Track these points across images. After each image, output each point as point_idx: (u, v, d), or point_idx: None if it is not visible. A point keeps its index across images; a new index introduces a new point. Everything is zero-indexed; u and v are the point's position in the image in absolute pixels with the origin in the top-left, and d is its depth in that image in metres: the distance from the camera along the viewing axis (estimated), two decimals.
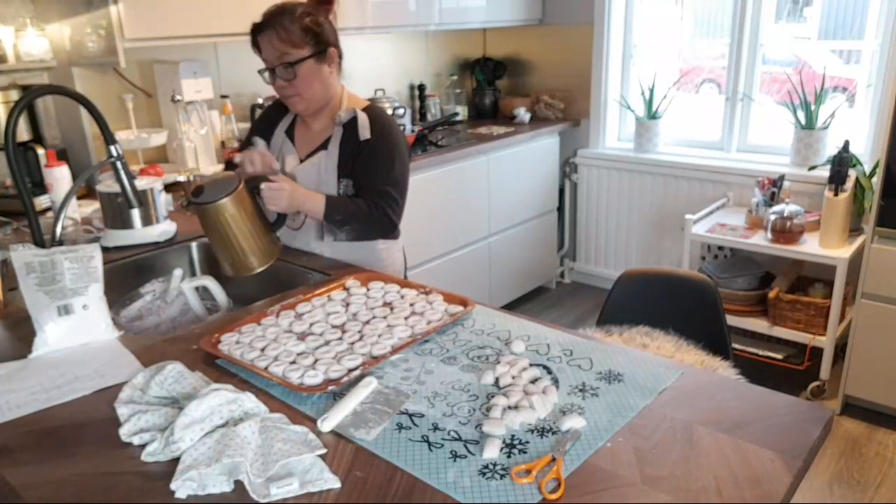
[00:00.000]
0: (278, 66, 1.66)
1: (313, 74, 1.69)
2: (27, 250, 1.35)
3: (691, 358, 1.67)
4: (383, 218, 1.75)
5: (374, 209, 1.73)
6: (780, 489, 0.91)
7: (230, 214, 1.53)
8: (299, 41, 1.64)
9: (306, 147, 1.82)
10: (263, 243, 1.60)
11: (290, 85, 1.68)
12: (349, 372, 1.19)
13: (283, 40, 1.63)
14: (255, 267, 1.60)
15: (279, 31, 1.63)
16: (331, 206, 1.70)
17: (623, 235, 3.85)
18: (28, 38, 2.32)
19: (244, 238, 1.56)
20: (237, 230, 1.55)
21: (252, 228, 1.57)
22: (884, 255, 2.55)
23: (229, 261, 1.60)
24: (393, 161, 1.75)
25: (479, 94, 4.03)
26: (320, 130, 1.80)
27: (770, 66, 3.43)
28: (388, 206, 1.74)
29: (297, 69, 1.66)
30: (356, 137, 1.72)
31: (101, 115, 1.60)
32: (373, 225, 1.76)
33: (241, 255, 1.58)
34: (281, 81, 1.68)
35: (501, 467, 0.96)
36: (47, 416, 1.11)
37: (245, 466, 0.92)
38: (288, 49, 1.64)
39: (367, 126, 1.72)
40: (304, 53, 1.65)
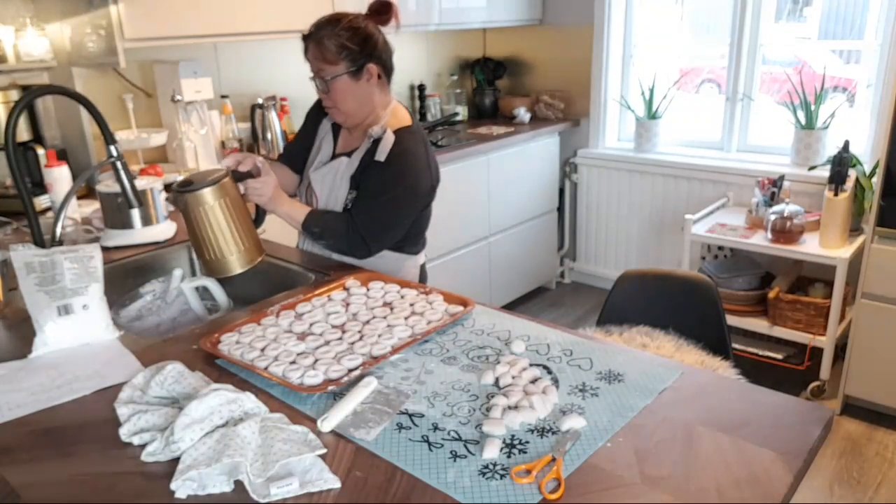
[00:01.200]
0: (317, 78, 1.68)
1: (348, 90, 1.67)
2: (27, 250, 1.35)
3: (691, 358, 1.67)
4: (357, 239, 1.70)
5: (352, 232, 1.69)
6: (780, 489, 0.91)
7: (209, 206, 1.45)
8: (333, 58, 1.63)
9: (342, 147, 1.81)
10: (246, 244, 1.51)
11: (327, 97, 1.70)
12: (349, 372, 1.19)
13: (317, 57, 1.65)
14: (234, 269, 1.51)
15: (318, 45, 1.64)
16: (310, 219, 1.70)
17: (623, 235, 3.85)
18: (28, 38, 2.32)
19: (224, 235, 1.47)
20: (217, 225, 1.46)
21: (234, 225, 1.48)
22: (884, 255, 2.55)
23: (207, 259, 1.50)
24: (394, 192, 1.69)
25: (479, 94, 4.03)
26: (355, 137, 1.79)
27: (770, 66, 3.43)
28: (368, 231, 1.69)
29: (331, 84, 1.66)
30: (373, 156, 1.70)
31: (101, 115, 1.60)
32: (346, 244, 1.72)
33: (219, 254, 1.48)
34: (320, 93, 1.72)
35: (501, 467, 0.96)
36: (47, 416, 1.11)
37: (245, 466, 0.92)
38: (322, 65, 1.65)
39: (387, 150, 1.68)
40: (339, 70, 1.64)
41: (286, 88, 3.05)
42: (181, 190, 1.46)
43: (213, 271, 1.54)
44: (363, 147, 1.74)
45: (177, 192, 1.47)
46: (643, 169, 3.63)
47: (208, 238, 1.49)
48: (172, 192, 1.49)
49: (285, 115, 2.97)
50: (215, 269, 1.53)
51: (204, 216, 1.47)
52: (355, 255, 1.75)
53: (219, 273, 1.54)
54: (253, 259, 1.55)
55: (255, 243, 1.56)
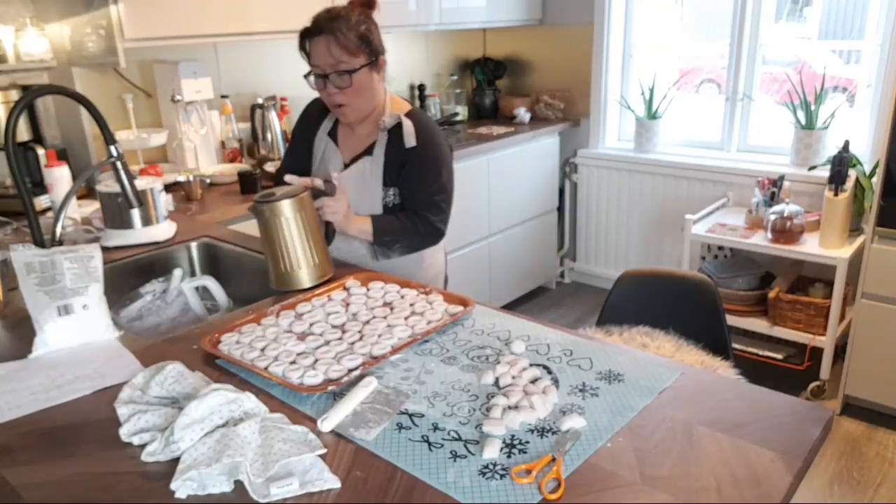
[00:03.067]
0: (332, 73, 1.61)
1: (366, 83, 1.65)
2: (27, 250, 1.35)
3: (691, 358, 1.67)
4: (430, 230, 1.72)
5: (421, 223, 1.70)
6: (780, 489, 0.91)
7: (286, 218, 1.49)
8: (355, 49, 1.60)
9: (350, 151, 1.78)
10: (317, 260, 1.54)
11: (342, 93, 1.64)
12: (349, 372, 1.19)
13: (342, 47, 1.59)
14: (303, 283, 1.53)
15: (338, 36, 1.58)
16: (378, 230, 1.67)
17: (623, 235, 3.85)
18: (28, 38, 2.32)
19: (298, 248, 1.51)
20: (292, 238, 1.50)
21: (308, 240, 1.52)
22: (884, 255, 2.55)
23: (278, 272, 1.54)
24: (440, 170, 1.71)
25: (479, 94, 4.03)
26: (365, 135, 1.76)
27: (770, 66, 3.43)
28: (434, 216, 1.71)
29: (354, 77, 1.62)
30: (401, 144, 1.68)
31: (101, 115, 1.60)
32: (420, 238, 1.73)
33: (291, 266, 1.52)
34: (333, 88, 1.64)
35: (501, 467, 0.96)
36: (47, 416, 1.11)
37: (245, 466, 0.92)
38: (345, 57, 1.60)
39: (413, 133, 1.67)
40: (361, 62, 1.62)
41: (286, 88, 3.05)
42: (262, 200, 1.50)
43: (282, 284, 1.56)
44: (381, 140, 1.72)
45: (257, 202, 1.51)
46: (643, 169, 3.64)
47: (283, 250, 1.52)
48: (254, 202, 1.52)
49: (285, 115, 2.97)
50: (285, 282, 1.55)
51: (281, 228, 1.50)
52: (430, 245, 1.77)
53: (287, 286, 1.55)
54: (323, 275, 1.57)
55: (326, 260, 1.58)
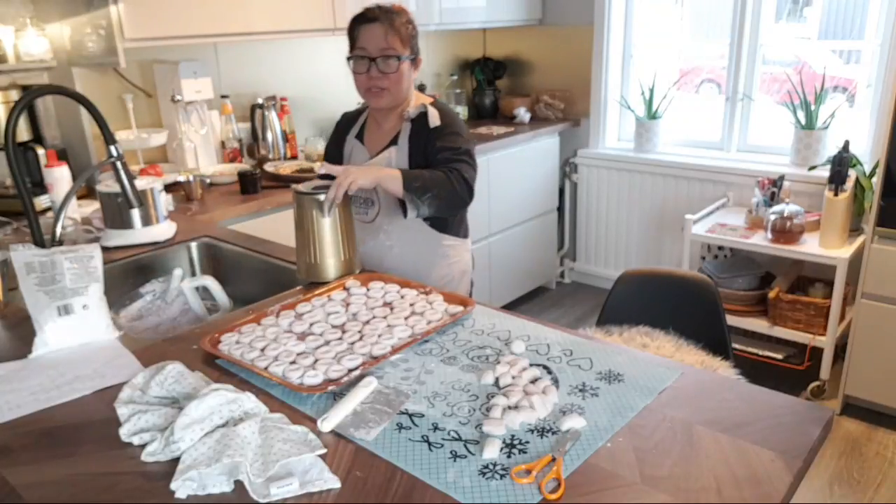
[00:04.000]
0: (380, 57, 1.72)
1: (405, 75, 1.77)
2: (27, 250, 1.35)
3: (691, 358, 1.67)
4: (460, 180, 1.72)
5: (451, 172, 1.72)
6: (780, 489, 0.91)
7: None
8: (406, 41, 1.74)
9: (376, 146, 1.86)
10: (346, 256, 1.60)
11: (385, 77, 1.73)
12: (349, 372, 1.19)
13: (396, 35, 1.71)
14: (330, 276, 1.59)
15: (395, 26, 1.71)
16: (408, 175, 1.67)
17: (623, 235, 3.85)
18: (28, 38, 2.32)
19: (329, 242, 1.57)
20: (324, 230, 1.55)
21: (340, 235, 1.58)
22: (884, 255, 2.55)
23: (307, 262, 1.59)
24: (461, 139, 1.79)
25: (479, 94, 4.03)
26: (390, 128, 1.86)
27: (770, 66, 3.43)
28: (463, 169, 1.73)
29: (400, 65, 1.73)
30: (426, 129, 1.78)
31: (101, 115, 1.60)
32: (452, 189, 1.71)
33: (319, 258, 1.58)
34: (376, 72, 1.73)
35: (501, 467, 0.96)
36: (47, 416, 1.11)
37: (245, 466, 0.92)
38: (397, 45, 1.72)
39: (437, 115, 1.79)
40: (407, 53, 1.75)
41: (286, 88, 3.05)
42: (300, 191, 1.56)
43: (309, 274, 1.60)
44: (405, 130, 1.82)
45: (298, 193, 1.56)
46: (643, 169, 3.63)
47: (315, 241, 1.57)
48: (294, 191, 1.58)
49: (285, 115, 2.97)
50: (312, 273, 1.60)
51: (316, 220, 1.55)
52: (462, 200, 1.76)
53: (313, 277, 1.60)
54: (350, 271, 1.62)
55: (354, 257, 1.64)
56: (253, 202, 2.39)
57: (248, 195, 2.45)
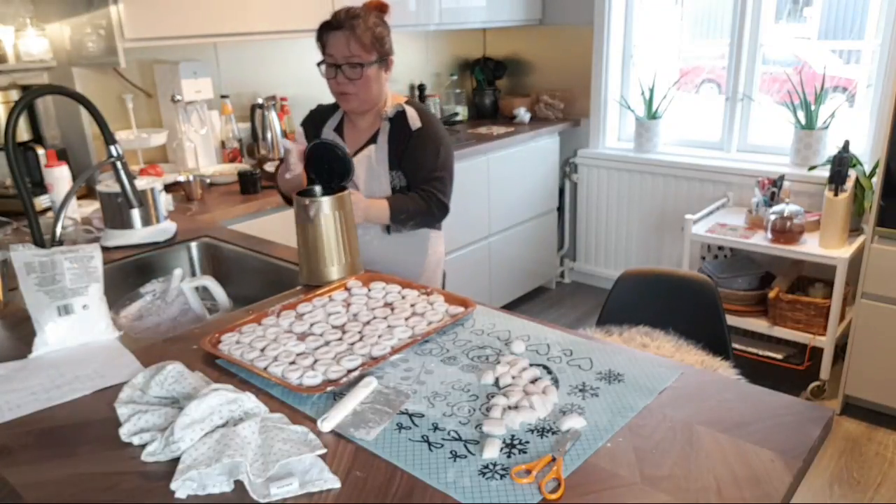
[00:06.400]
0: (345, 64, 1.75)
1: (374, 79, 1.79)
2: (27, 250, 1.35)
3: (691, 358, 1.67)
4: (437, 203, 1.84)
5: (428, 198, 1.83)
6: (780, 489, 0.91)
7: (326, 215, 1.54)
8: (370, 47, 1.75)
9: (355, 143, 1.90)
10: (347, 259, 1.59)
11: (351, 83, 1.77)
12: (348, 372, 1.19)
13: (357, 42, 1.73)
14: (332, 279, 1.58)
15: (357, 32, 1.73)
16: (394, 210, 1.79)
17: (623, 235, 3.85)
18: (28, 38, 2.32)
19: (332, 245, 1.56)
20: (327, 235, 1.55)
21: (342, 239, 1.58)
22: (884, 255, 2.55)
23: (310, 266, 1.58)
24: (439, 148, 1.85)
25: (479, 94, 4.03)
26: (367, 127, 1.90)
27: (770, 66, 3.43)
28: (438, 191, 1.84)
29: (364, 71, 1.76)
30: (405, 129, 1.83)
31: (101, 115, 1.60)
32: (431, 212, 1.85)
33: (324, 262, 1.57)
34: (343, 79, 1.77)
35: (501, 467, 0.96)
36: (47, 416, 1.11)
37: (245, 466, 0.92)
38: (359, 52, 1.74)
39: (416, 116, 1.83)
40: (372, 58, 1.76)
41: (286, 88, 3.05)
42: (303, 195, 1.56)
43: (312, 278, 1.59)
44: (383, 129, 1.86)
45: (298, 196, 1.55)
46: (643, 169, 3.63)
47: (318, 245, 1.56)
48: (295, 196, 1.57)
49: (285, 115, 2.97)
50: (314, 277, 1.59)
51: (319, 224, 1.54)
52: (440, 219, 1.91)
53: (315, 280, 1.59)
54: (352, 273, 1.61)
55: (356, 260, 1.63)
56: (253, 202, 2.39)
57: (248, 195, 2.46)
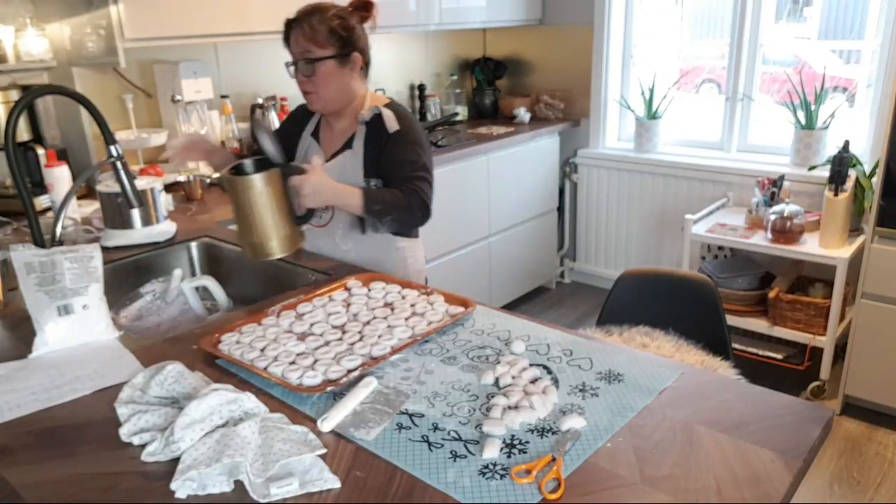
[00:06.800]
0: (300, 61, 1.71)
1: (332, 75, 1.72)
2: (27, 250, 1.35)
3: (691, 358, 1.67)
4: (419, 201, 1.72)
5: (410, 195, 1.71)
6: (780, 489, 0.91)
7: (258, 192, 1.51)
8: (324, 41, 1.68)
9: (330, 148, 1.84)
10: (286, 231, 1.57)
11: (309, 81, 1.72)
12: (348, 373, 1.19)
13: (308, 38, 1.68)
14: (275, 252, 1.57)
15: (306, 28, 1.68)
16: (369, 198, 1.67)
17: (623, 235, 3.85)
18: (28, 38, 2.32)
19: (268, 221, 1.54)
20: (262, 211, 1.53)
21: (277, 213, 1.55)
22: (884, 255, 2.55)
23: (250, 243, 1.57)
24: (421, 149, 1.76)
25: (479, 94, 4.03)
26: (343, 130, 1.83)
27: (770, 66, 3.43)
28: (420, 189, 1.72)
29: (317, 67, 1.69)
30: (382, 132, 1.75)
31: (101, 115, 1.60)
32: (412, 210, 1.73)
33: (262, 237, 1.55)
34: (301, 77, 1.73)
35: (501, 467, 0.96)
36: (47, 416, 1.11)
37: (245, 466, 0.92)
38: (311, 47, 1.68)
39: (394, 119, 1.75)
40: (327, 53, 1.69)
41: (286, 88, 3.04)
42: (234, 174, 1.53)
43: (256, 253, 1.58)
44: (359, 133, 1.78)
45: (228, 176, 1.53)
46: (643, 169, 3.63)
47: (253, 222, 1.54)
48: (223, 175, 1.56)
49: (286, 115, 2.97)
50: (258, 252, 1.58)
51: (251, 200, 1.52)
52: (420, 222, 1.77)
53: (261, 256, 1.58)
54: (294, 245, 1.60)
55: (295, 232, 1.61)
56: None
57: None
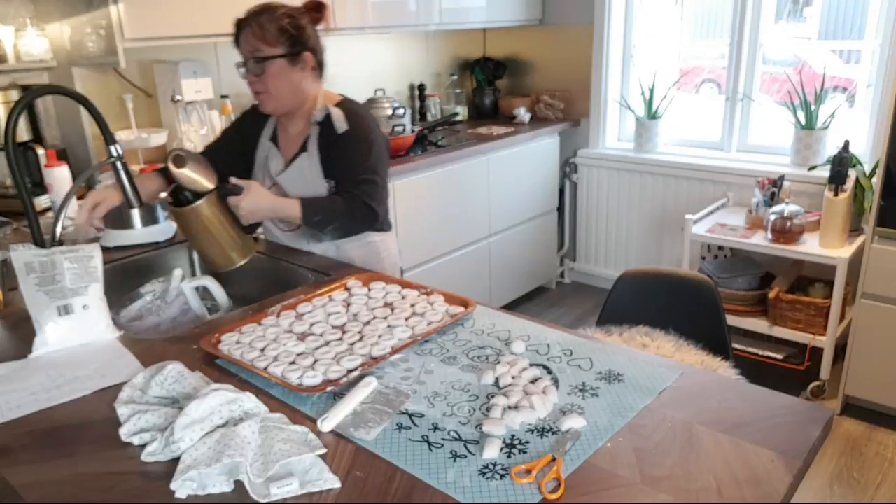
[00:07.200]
0: (250, 60, 1.69)
1: (282, 74, 1.70)
2: (27, 250, 1.35)
3: (691, 358, 1.67)
4: (363, 207, 1.72)
5: (352, 201, 1.70)
6: (780, 489, 0.91)
7: (205, 216, 1.61)
8: (273, 40, 1.67)
9: (289, 151, 1.83)
10: (239, 242, 1.67)
11: (259, 81, 1.70)
12: (348, 373, 1.19)
13: (257, 36, 1.67)
14: (236, 262, 1.67)
15: (255, 27, 1.67)
16: (307, 209, 1.69)
17: (623, 235, 3.85)
18: (28, 38, 2.32)
19: (219, 239, 1.63)
20: (212, 230, 1.62)
21: (225, 231, 1.64)
22: (884, 255, 2.54)
23: (209, 258, 1.67)
24: (369, 150, 1.74)
25: (479, 94, 4.03)
26: (299, 133, 1.82)
27: (770, 66, 3.43)
28: (365, 194, 1.71)
29: (266, 66, 1.68)
30: (332, 133, 1.74)
31: (101, 115, 1.60)
32: (354, 218, 1.74)
33: (216, 255, 1.66)
34: (251, 77, 1.71)
35: (501, 467, 0.96)
36: (47, 416, 1.11)
37: (245, 466, 0.92)
38: (261, 45, 1.67)
39: (343, 118, 1.74)
40: (277, 52, 1.68)
41: None
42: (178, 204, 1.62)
43: (216, 266, 1.68)
44: (313, 135, 1.77)
45: (175, 208, 1.61)
46: (643, 169, 3.63)
47: (204, 244, 1.65)
48: (171, 207, 1.63)
49: None
50: (218, 265, 1.68)
51: (202, 224, 1.62)
52: (365, 226, 1.79)
53: (222, 267, 1.68)
54: (250, 251, 1.70)
55: (247, 240, 1.71)
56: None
57: None
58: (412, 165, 2.91)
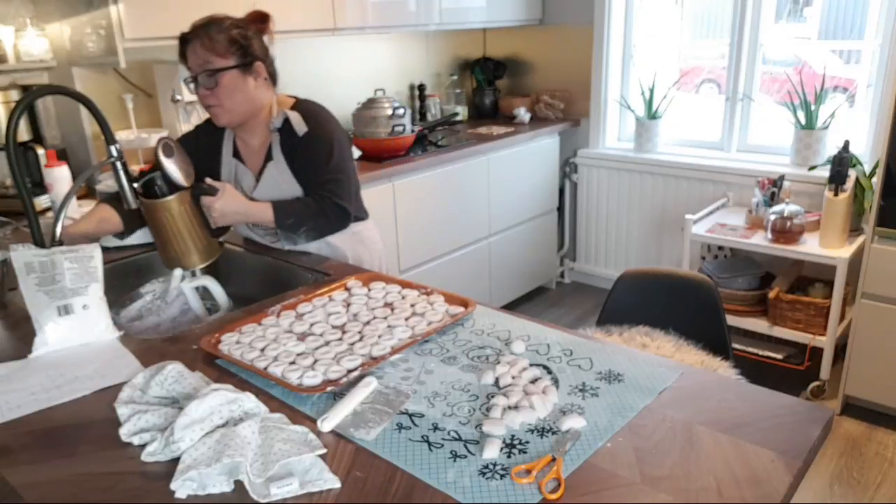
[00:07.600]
0: (201, 73, 1.66)
1: (236, 86, 1.68)
2: (27, 250, 1.35)
3: (691, 358, 1.67)
4: (333, 207, 1.73)
5: (322, 202, 1.72)
6: (780, 489, 0.91)
7: (175, 211, 1.60)
8: (224, 51, 1.65)
9: (256, 164, 1.82)
10: (203, 244, 1.66)
11: (213, 94, 1.68)
12: (348, 373, 1.19)
13: (208, 49, 1.64)
14: (195, 263, 1.67)
15: (204, 39, 1.64)
16: (279, 212, 1.69)
17: (623, 235, 3.85)
18: (28, 38, 2.32)
19: (185, 235, 1.63)
20: (178, 227, 1.62)
21: (193, 230, 1.64)
22: (884, 255, 2.54)
23: (169, 255, 1.66)
24: (331, 148, 1.74)
25: (479, 94, 4.03)
26: (261, 143, 1.80)
27: (770, 66, 3.43)
28: (333, 194, 1.72)
29: (220, 78, 1.65)
30: (294, 136, 1.73)
31: (102, 115, 1.60)
32: (327, 217, 1.74)
33: (181, 250, 1.65)
34: (203, 90, 1.68)
35: (501, 467, 0.96)
36: (47, 416, 1.11)
37: (245, 466, 0.92)
38: (211, 58, 1.64)
39: (301, 121, 1.73)
40: (229, 63, 1.65)
41: (285, 89, 3.03)
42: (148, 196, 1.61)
43: (175, 265, 1.68)
44: (275, 143, 1.77)
45: (144, 200, 1.60)
46: (643, 169, 3.64)
47: (173, 237, 1.64)
48: (141, 198, 1.61)
49: None
50: (178, 264, 1.68)
51: (169, 219, 1.61)
52: (338, 226, 1.78)
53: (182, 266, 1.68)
54: (212, 254, 1.69)
55: (212, 244, 1.70)
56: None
57: None
58: (412, 165, 2.91)
